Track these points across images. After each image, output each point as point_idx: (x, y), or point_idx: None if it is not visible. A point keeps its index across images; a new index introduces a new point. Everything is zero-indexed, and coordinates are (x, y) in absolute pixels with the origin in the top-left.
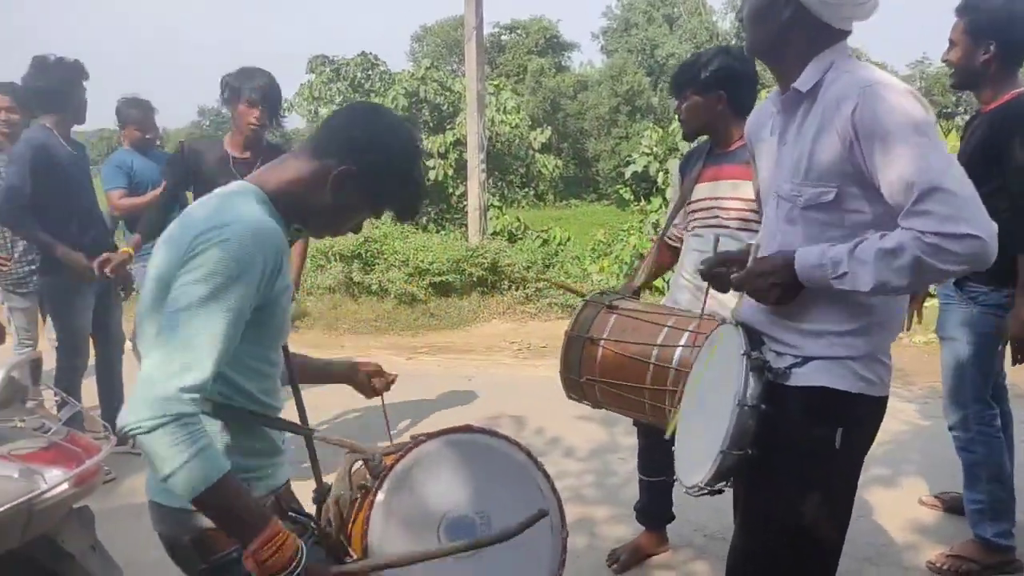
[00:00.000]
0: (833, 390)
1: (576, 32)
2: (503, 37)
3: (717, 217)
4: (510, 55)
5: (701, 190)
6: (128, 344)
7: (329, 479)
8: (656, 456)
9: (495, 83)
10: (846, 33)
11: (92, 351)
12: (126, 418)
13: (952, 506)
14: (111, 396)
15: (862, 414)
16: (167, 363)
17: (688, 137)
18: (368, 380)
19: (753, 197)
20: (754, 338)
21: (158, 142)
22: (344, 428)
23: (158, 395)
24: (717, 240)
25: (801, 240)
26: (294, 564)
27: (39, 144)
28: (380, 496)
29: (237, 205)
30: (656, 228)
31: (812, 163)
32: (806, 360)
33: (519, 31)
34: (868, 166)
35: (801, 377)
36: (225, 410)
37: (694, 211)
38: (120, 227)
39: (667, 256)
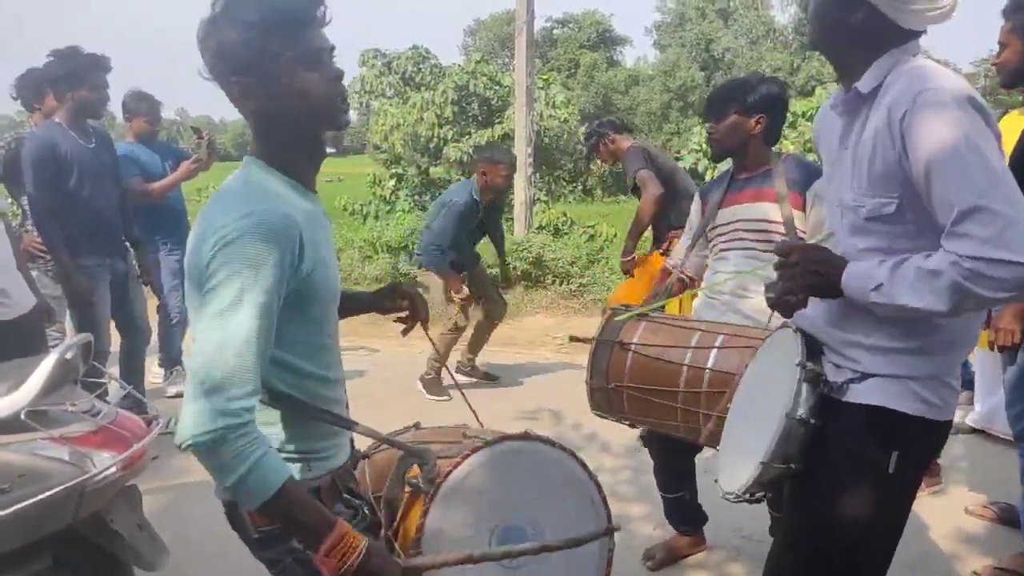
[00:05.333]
0: (891, 410)
1: (629, 26)
2: (555, 31)
3: (742, 239)
4: (562, 49)
5: (725, 215)
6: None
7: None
8: (671, 473)
9: (544, 77)
10: (918, 33)
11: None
12: (181, 434)
13: (1003, 517)
14: (132, 384)
15: (920, 438)
16: (208, 377)
17: (717, 157)
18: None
19: (776, 219)
20: (813, 348)
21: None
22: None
23: (209, 408)
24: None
25: (865, 251)
26: (358, 558)
27: (43, 143)
28: (434, 504)
29: (245, 195)
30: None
31: (871, 172)
32: (865, 376)
33: (571, 25)
34: (915, 178)
35: (858, 394)
36: (283, 399)
37: (718, 235)
38: None
39: (678, 288)
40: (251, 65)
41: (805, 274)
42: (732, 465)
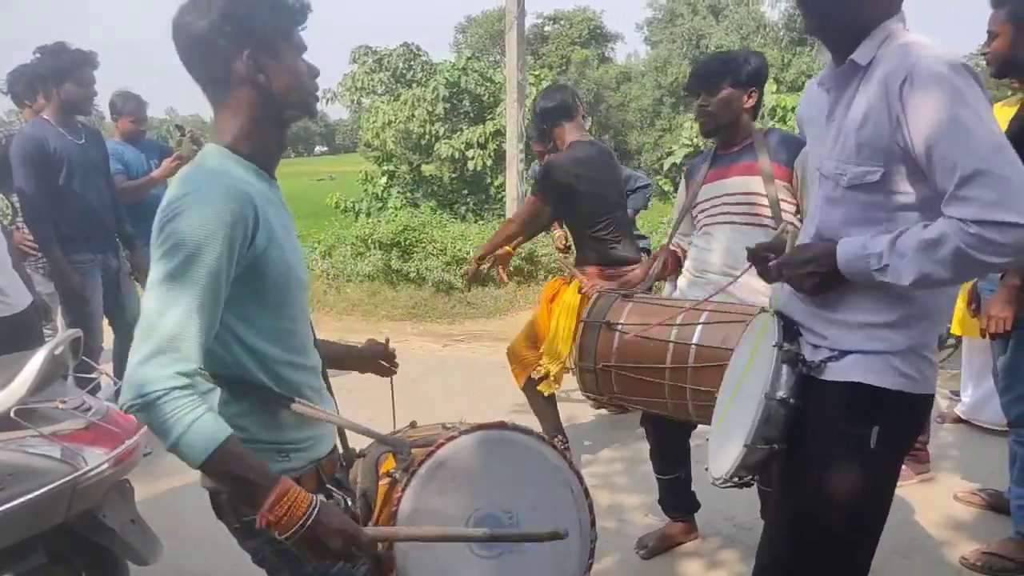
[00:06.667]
0: (870, 386)
1: (620, 23)
2: (546, 28)
3: (726, 213)
4: (553, 46)
5: (708, 190)
6: None
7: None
8: (667, 455)
9: (536, 73)
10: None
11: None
12: (122, 397)
13: (991, 503)
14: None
15: (901, 412)
16: (146, 343)
17: (709, 132)
18: (379, 363)
19: (761, 192)
20: (790, 329)
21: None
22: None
23: (143, 376)
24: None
25: (841, 221)
26: (307, 516)
27: (32, 139)
28: (408, 492)
29: (200, 172)
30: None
31: (859, 140)
32: (843, 354)
33: (562, 21)
34: (914, 146)
35: (837, 371)
36: (254, 389)
37: (702, 211)
38: None
39: (672, 264)
40: (264, 40)
41: (807, 279)
42: (719, 450)
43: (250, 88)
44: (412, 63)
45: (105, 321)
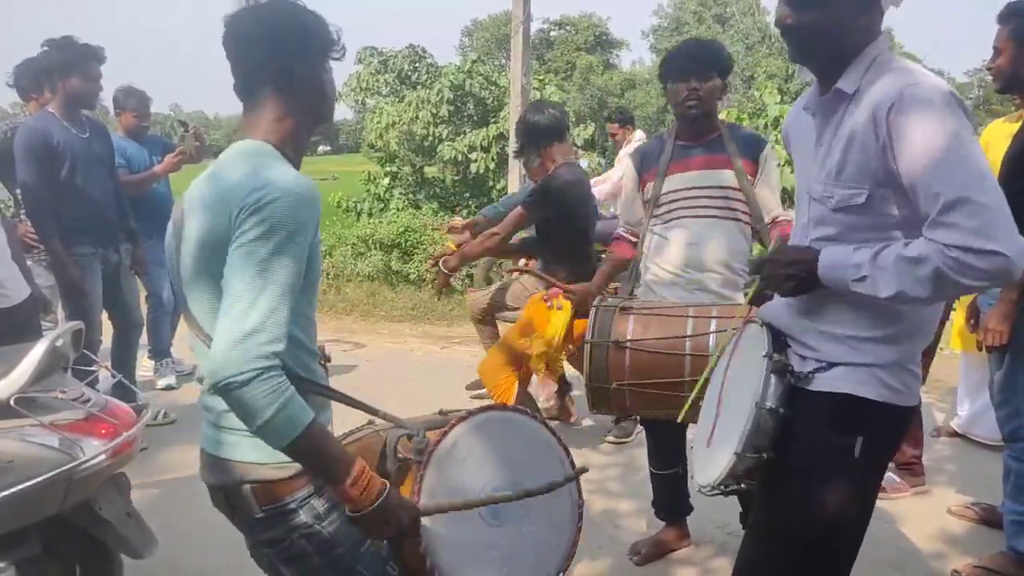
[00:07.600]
0: (856, 397)
1: (626, 30)
2: (552, 33)
3: (705, 207)
4: (559, 51)
5: (679, 180)
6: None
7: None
8: (666, 450)
9: (540, 78)
10: (880, 18)
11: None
12: (217, 375)
13: (984, 517)
14: (123, 374)
15: (885, 423)
16: (241, 322)
17: (695, 119)
18: None
19: (735, 186)
20: (779, 340)
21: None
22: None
23: (243, 352)
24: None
25: (829, 242)
26: (383, 493)
27: (36, 132)
28: (428, 471)
29: (271, 163)
30: None
31: (845, 164)
32: (831, 365)
33: (568, 27)
34: (899, 171)
35: (824, 382)
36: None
37: (673, 200)
38: None
39: (629, 252)
40: (324, 56)
41: (782, 280)
42: (707, 458)
43: (310, 96)
44: (417, 65)
45: (104, 316)
